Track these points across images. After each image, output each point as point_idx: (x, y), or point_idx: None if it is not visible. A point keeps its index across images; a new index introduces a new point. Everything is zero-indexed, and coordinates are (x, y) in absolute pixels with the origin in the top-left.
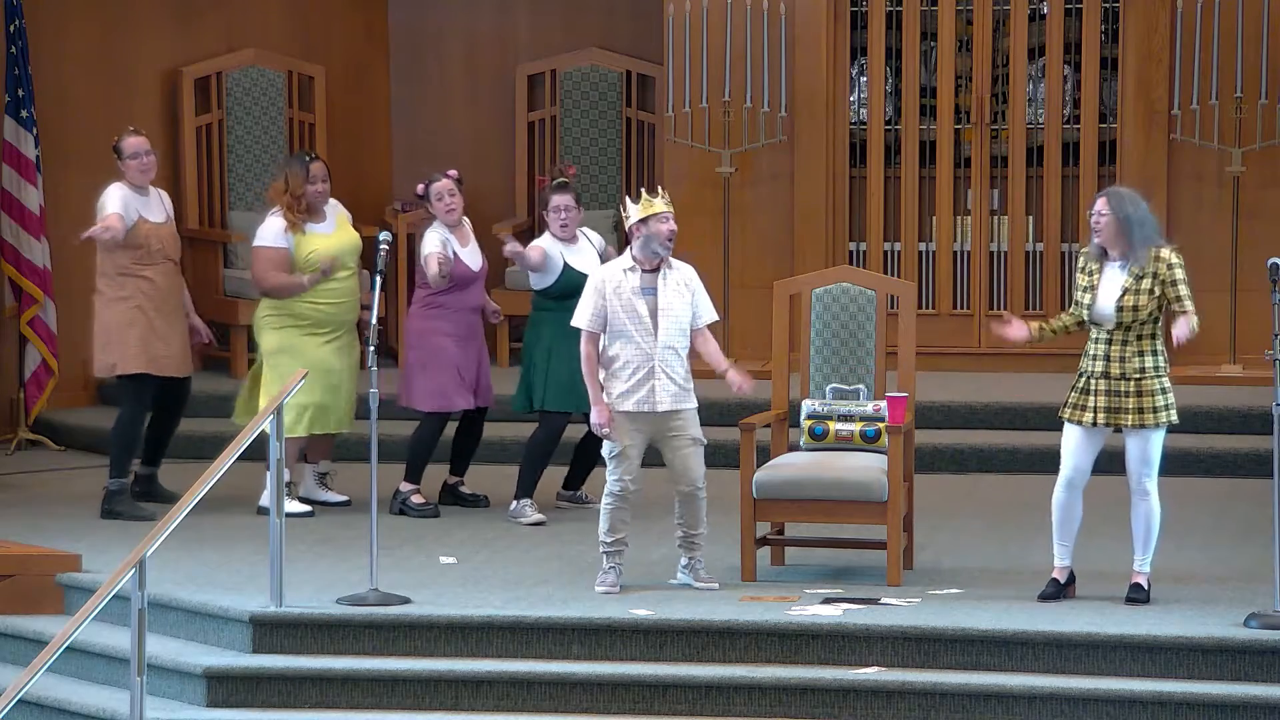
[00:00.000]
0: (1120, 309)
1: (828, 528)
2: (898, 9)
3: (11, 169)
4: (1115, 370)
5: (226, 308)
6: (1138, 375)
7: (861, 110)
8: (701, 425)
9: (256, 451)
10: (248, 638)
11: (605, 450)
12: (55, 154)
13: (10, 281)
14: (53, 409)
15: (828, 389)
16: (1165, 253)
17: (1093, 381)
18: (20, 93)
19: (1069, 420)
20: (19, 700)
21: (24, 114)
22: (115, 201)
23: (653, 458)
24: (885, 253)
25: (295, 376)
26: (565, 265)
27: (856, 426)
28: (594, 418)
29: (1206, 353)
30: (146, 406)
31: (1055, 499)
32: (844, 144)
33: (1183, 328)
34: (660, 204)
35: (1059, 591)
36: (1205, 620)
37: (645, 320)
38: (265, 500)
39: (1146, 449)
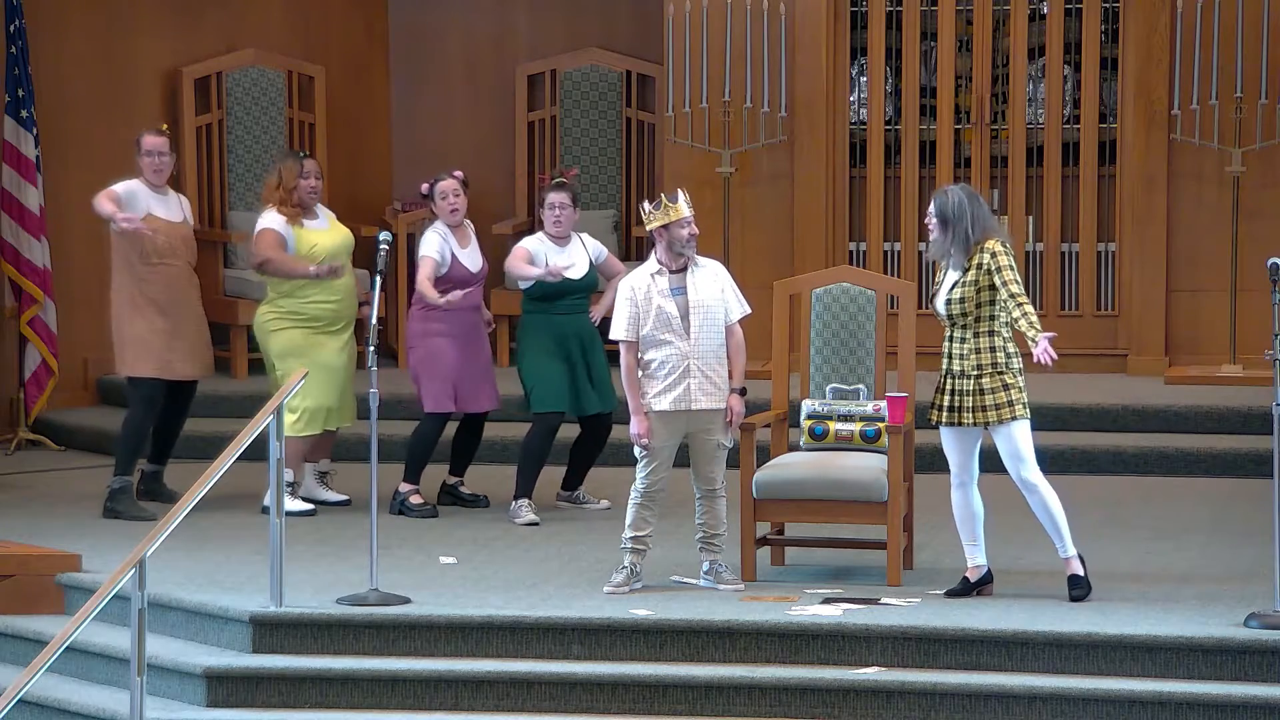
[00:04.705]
0: (948, 302)
1: (828, 528)
2: (898, 9)
3: (11, 169)
4: (956, 367)
5: (226, 308)
6: (975, 373)
7: (861, 110)
8: None
9: (257, 451)
10: (248, 638)
11: (637, 449)
12: (55, 154)
13: (10, 281)
14: (53, 409)
15: (828, 389)
16: (990, 243)
17: (943, 380)
18: (20, 93)
19: (932, 421)
20: (19, 700)
21: (24, 114)
22: (118, 185)
23: (677, 458)
24: (885, 253)
25: (295, 376)
26: (547, 266)
27: (856, 426)
28: (633, 428)
29: (1206, 353)
30: (155, 410)
31: (952, 501)
32: (844, 144)
33: (1040, 349)
34: (679, 209)
35: (968, 589)
36: (1205, 620)
37: (676, 321)
38: (269, 500)
39: (1011, 444)
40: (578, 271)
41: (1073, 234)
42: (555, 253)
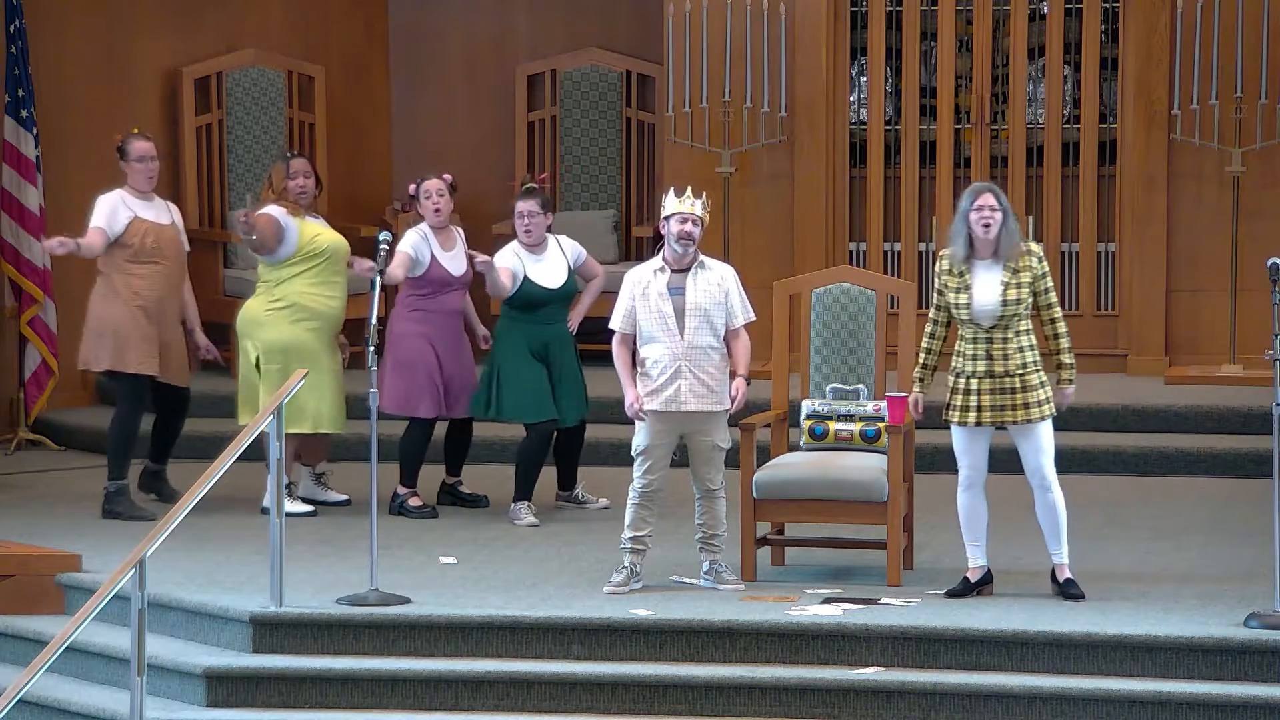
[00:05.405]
0: (1005, 303)
1: (828, 528)
2: (898, 9)
3: (11, 169)
4: (999, 368)
5: (226, 308)
6: (1021, 370)
7: (861, 110)
8: None
9: (256, 451)
10: (248, 638)
11: (633, 448)
12: (55, 154)
13: (10, 281)
14: (53, 409)
15: (828, 389)
16: (1036, 247)
17: (973, 381)
18: (20, 93)
19: (955, 423)
20: (19, 700)
21: (24, 114)
22: (100, 215)
23: (674, 458)
24: (885, 253)
25: (295, 377)
26: (525, 278)
27: (856, 426)
28: (627, 399)
29: (1206, 353)
30: (141, 406)
31: (959, 501)
32: (844, 144)
33: (1067, 397)
34: (683, 204)
35: (969, 589)
36: (1205, 620)
37: (671, 321)
38: (269, 500)
39: (1039, 441)
40: (556, 280)
41: (1073, 234)
42: (532, 262)
